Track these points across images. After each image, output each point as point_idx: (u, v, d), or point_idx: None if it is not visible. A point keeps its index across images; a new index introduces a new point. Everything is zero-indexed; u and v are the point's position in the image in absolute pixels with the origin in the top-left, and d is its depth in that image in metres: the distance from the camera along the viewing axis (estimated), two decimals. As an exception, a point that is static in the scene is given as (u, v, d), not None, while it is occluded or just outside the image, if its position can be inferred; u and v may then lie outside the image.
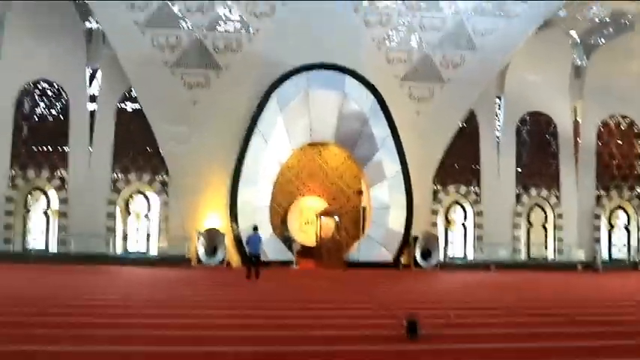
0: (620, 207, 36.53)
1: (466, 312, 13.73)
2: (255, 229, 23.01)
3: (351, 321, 12.28)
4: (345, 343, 9.74)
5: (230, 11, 30.69)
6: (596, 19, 35.77)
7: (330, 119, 30.45)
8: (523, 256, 35.27)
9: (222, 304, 14.92)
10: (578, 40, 36.73)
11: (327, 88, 29.96)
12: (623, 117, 36.67)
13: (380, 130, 30.70)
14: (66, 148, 31.40)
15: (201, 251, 29.25)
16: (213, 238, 29.32)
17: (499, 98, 35.36)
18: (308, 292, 18.67)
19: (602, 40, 36.53)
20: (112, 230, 31.08)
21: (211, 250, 29.36)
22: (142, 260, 30.22)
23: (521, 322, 12.52)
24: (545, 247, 35.78)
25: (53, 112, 31.81)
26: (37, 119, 31.71)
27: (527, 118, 35.85)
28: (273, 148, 30.01)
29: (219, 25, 30.54)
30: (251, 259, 22.25)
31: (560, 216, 35.54)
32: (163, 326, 10.94)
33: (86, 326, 10.66)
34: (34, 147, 31.47)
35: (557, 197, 35.64)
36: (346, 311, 14.01)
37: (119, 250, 31.41)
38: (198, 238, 29.31)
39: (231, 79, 30.31)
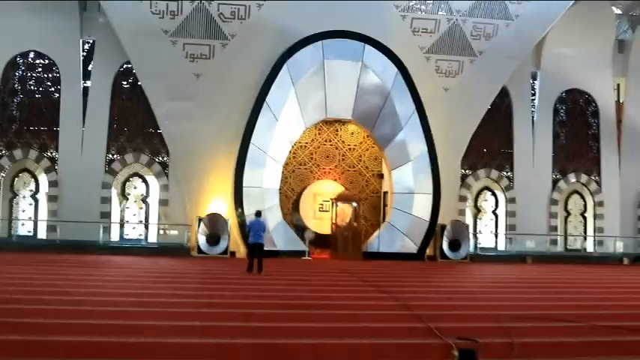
0: (668, 194, 33.13)
1: (527, 325, 10.51)
2: (258, 214, 19.93)
3: (375, 342, 9.04)
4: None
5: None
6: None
7: (348, 94, 27.22)
8: (560, 247, 32.20)
9: (200, 311, 11.53)
10: (622, 12, 33.46)
11: (344, 58, 26.78)
12: (672, 95, 33.21)
13: (404, 106, 27.45)
14: (57, 127, 28.53)
15: (202, 240, 26.17)
16: (215, 225, 26.23)
17: (535, 74, 32.24)
18: (320, 291, 15.40)
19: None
20: (106, 216, 28.29)
21: (214, 238, 26.27)
22: (138, 249, 27.23)
23: (609, 343, 9.24)
24: (585, 238, 32.71)
25: (43, 87, 28.88)
26: (25, 95, 28.73)
27: (566, 96, 32.70)
28: (284, 125, 26.87)
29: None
30: (253, 249, 19.17)
31: (600, 204, 32.56)
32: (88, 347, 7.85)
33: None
34: (21, 125, 28.60)
35: (598, 183, 32.59)
36: (369, 324, 10.60)
37: (114, 238, 28.58)
38: (199, 225, 26.24)
39: (239, 50, 27.16)
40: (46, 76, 28.86)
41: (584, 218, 32.83)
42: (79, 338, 8.53)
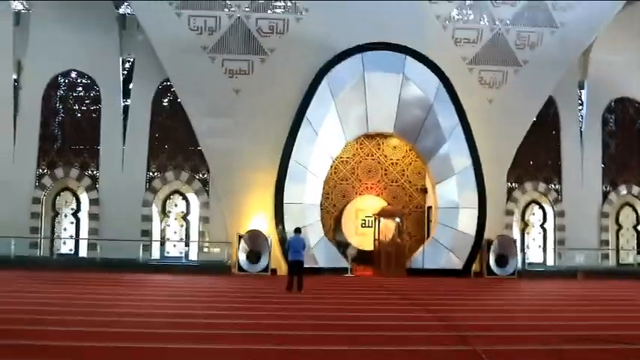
0: None
1: (581, 347, 9.78)
2: (298, 231, 19.47)
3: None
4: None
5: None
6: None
7: (390, 107, 26.67)
8: (612, 262, 31.02)
9: (232, 333, 11.00)
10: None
11: (385, 70, 26.24)
12: None
13: (447, 119, 26.80)
14: (97, 145, 28.56)
15: (243, 257, 25.77)
16: (255, 242, 25.83)
17: (582, 83, 31.21)
18: (361, 311, 14.76)
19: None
20: (147, 234, 28.10)
21: (254, 255, 25.86)
22: (179, 267, 26.96)
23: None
24: (638, 252, 31.47)
25: (84, 106, 28.97)
26: (66, 114, 28.87)
27: (615, 105, 31.61)
28: (325, 140, 26.43)
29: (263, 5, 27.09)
30: (292, 266, 18.68)
31: (654, 216, 31.28)
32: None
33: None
34: (62, 144, 28.68)
35: (652, 195, 31.34)
36: (412, 347, 9.98)
37: (155, 256, 28.38)
38: (239, 242, 25.85)
39: (278, 65, 26.84)
40: (86, 94, 28.95)
41: (637, 231, 31.60)
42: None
